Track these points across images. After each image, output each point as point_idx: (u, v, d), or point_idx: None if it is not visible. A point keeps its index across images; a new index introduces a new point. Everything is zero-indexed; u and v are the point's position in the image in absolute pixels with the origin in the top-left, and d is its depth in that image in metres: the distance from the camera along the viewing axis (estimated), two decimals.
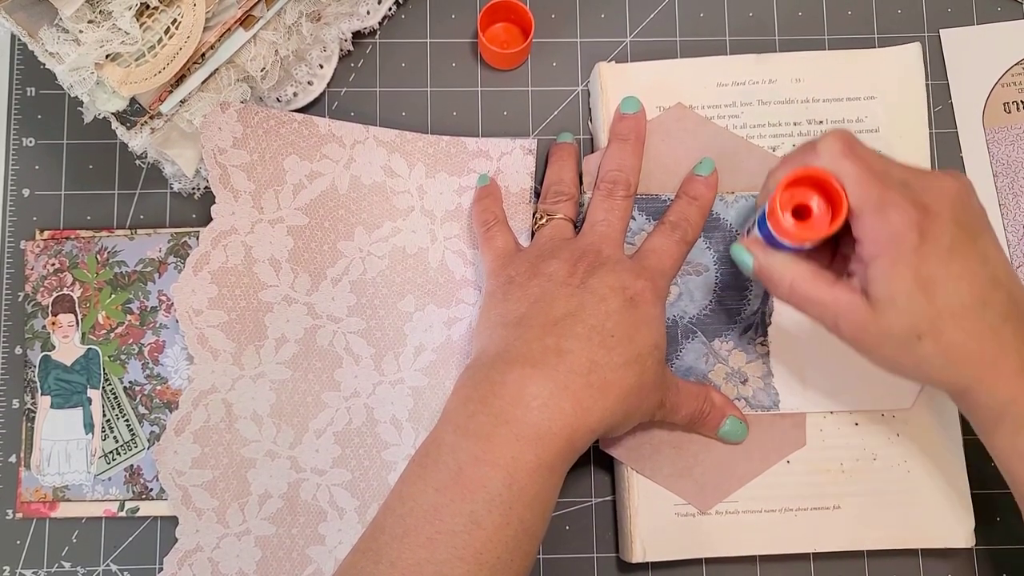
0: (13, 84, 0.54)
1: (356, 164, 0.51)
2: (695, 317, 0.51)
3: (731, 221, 0.51)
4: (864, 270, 0.41)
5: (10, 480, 0.51)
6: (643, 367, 0.43)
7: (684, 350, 0.51)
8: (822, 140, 0.41)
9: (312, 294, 0.51)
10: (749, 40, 0.56)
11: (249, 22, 0.47)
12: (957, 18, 0.57)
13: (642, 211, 0.51)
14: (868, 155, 0.41)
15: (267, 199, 0.51)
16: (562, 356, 0.42)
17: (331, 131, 0.51)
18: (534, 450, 0.40)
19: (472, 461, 0.40)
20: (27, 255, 0.52)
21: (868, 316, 0.40)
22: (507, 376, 0.41)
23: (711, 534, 0.50)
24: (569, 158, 0.52)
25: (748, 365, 0.51)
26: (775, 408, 0.50)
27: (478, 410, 0.41)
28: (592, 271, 0.45)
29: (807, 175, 0.41)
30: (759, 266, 0.44)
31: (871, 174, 0.40)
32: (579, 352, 0.42)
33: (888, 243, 0.39)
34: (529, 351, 0.42)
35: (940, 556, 0.52)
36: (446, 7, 0.56)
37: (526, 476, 0.40)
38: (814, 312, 0.43)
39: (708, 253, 0.51)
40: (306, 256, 0.51)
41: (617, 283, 0.44)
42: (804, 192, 0.42)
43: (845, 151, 0.40)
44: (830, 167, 0.41)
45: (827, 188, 0.41)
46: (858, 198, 0.40)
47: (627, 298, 0.44)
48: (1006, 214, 0.54)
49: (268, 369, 0.50)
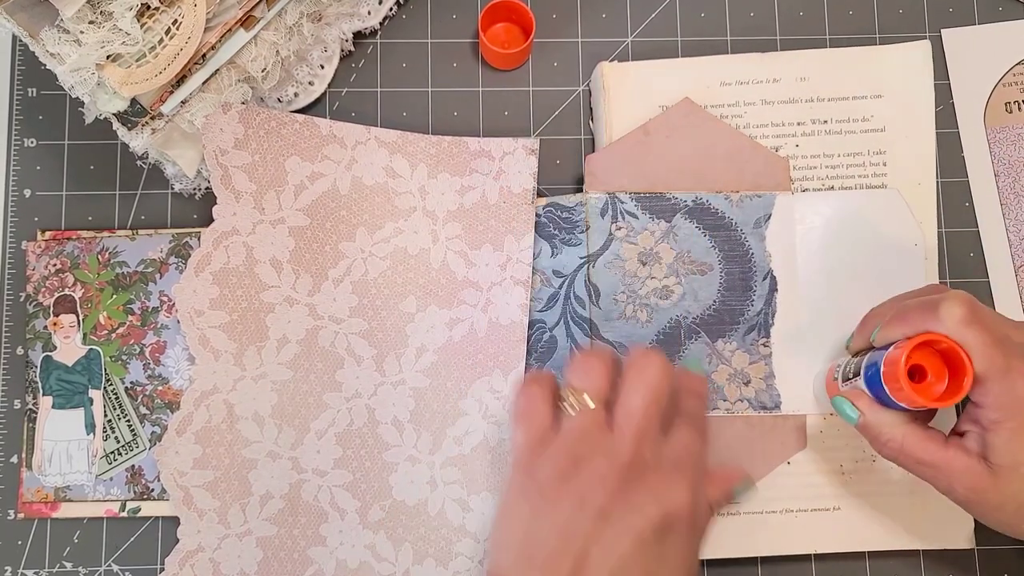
0: (14, 85, 0.54)
1: (358, 165, 0.51)
2: (698, 317, 0.51)
3: (736, 220, 0.51)
4: (983, 434, 0.41)
5: (12, 480, 0.51)
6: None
7: (687, 350, 0.51)
8: (944, 305, 0.41)
9: (314, 295, 0.50)
10: (750, 40, 0.56)
11: (250, 23, 0.47)
12: (958, 18, 0.57)
13: (645, 209, 0.51)
14: (990, 320, 0.41)
15: (268, 200, 0.51)
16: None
17: (332, 132, 0.51)
18: None
19: None
20: (28, 256, 0.52)
21: (987, 482, 0.41)
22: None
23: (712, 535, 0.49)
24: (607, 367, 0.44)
25: (751, 366, 0.51)
26: (777, 409, 0.50)
27: None
28: (626, 493, 0.40)
29: (929, 341, 0.41)
30: (865, 423, 0.44)
31: (995, 341, 0.40)
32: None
33: (1014, 410, 0.40)
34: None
35: (941, 557, 0.52)
36: (447, 7, 0.56)
37: None
38: (925, 473, 0.43)
39: (713, 252, 0.51)
40: (308, 257, 0.51)
41: (652, 509, 0.39)
42: (919, 352, 0.42)
43: (969, 318, 0.40)
44: (954, 335, 0.40)
45: (948, 354, 0.41)
46: (984, 367, 0.40)
47: (664, 526, 0.39)
48: (1007, 214, 0.54)
49: (269, 370, 0.50)
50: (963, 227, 0.55)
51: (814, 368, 0.50)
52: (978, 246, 0.54)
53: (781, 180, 0.52)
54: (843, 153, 0.52)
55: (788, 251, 0.51)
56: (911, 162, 0.52)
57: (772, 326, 0.51)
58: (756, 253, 0.51)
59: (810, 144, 0.52)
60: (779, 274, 0.51)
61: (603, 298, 0.51)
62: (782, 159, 0.52)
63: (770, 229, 0.51)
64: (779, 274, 0.51)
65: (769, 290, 0.51)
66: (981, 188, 0.55)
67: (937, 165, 0.54)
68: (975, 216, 0.55)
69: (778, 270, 0.51)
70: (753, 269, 0.51)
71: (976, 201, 0.55)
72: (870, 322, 0.46)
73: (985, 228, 0.54)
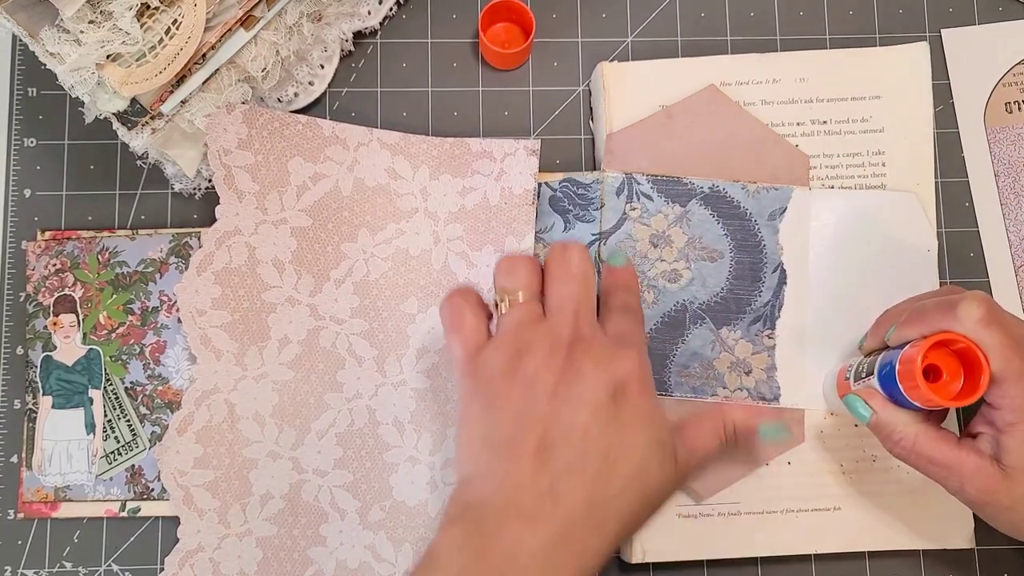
0: (14, 84, 0.54)
1: (360, 166, 0.51)
2: (705, 303, 0.51)
3: (751, 210, 0.51)
4: (997, 436, 0.41)
5: (11, 480, 0.51)
6: (648, 474, 0.40)
7: (691, 335, 0.51)
8: (963, 305, 0.41)
9: (315, 295, 0.50)
10: (750, 40, 0.56)
11: (250, 22, 0.47)
12: (958, 18, 0.57)
13: (661, 192, 0.51)
14: (1008, 321, 0.41)
15: (271, 200, 0.50)
16: (558, 502, 0.38)
17: (335, 133, 0.51)
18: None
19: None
20: (28, 255, 0.52)
21: (999, 483, 0.41)
22: (501, 531, 0.38)
23: (712, 535, 0.50)
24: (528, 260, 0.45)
25: (753, 356, 0.51)
26: (776, 402, 0.50)
27: (469, 564, 0.38)
28: (576, 365, 0.40)
29: (946, 340, 0.41)
30: (878, 421, 0.44)
31: (1013, 343, 0.40)
32: (575, 492, 0.38)
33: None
34: (522, 500, 0.38)
35: (941, 557, 0.52)
36: (447, 7, 0.56)
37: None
38: (935, 473, 0.43)
39: (725, 240, 0.51)
40: (309, 257, 0.51)
41: (602, 377, 0.40)
42: (935, 352, 0.42)
43: (987, 318, 0.40)
44: (971, 335, 0.40)
45: (965, 354, 0.41)
46: (1001, 368, 0.40)
47: (617, 391, 0.40)
48: (1008, 214, 0.54)
49: (271, 370, 0.50)
50: (963, 227, 0.55)
51: (817, 364, 0.50)
52: (978, 246, 0.54)
53: (800, 175, 0.52)
54: (842, 153, 0.52)
55: (801, 246, 0.51)
56: (910, 163, 0.53)
57: (778, 319, 0.51)
58: (768, 245, 0.51)
59: (810, 144, 0.52)
60: (790, 268, 0.51)
61: None
62: (803, 154, 0.52)
63: (784, 222, 0.51)
64: (790, 268, 0.51)
65: (778, 283, 0.51)
66: (981, 188, 0.55)
67: (936, 166, 0.54)
68: (975, 216, 0.55)
69: (789, 264, 0.51)
70: (764, 260, 0.51)
71: (976, 201, 0.55)
72: (885, 322, 0.46)
73: (985, 228, 0.54)
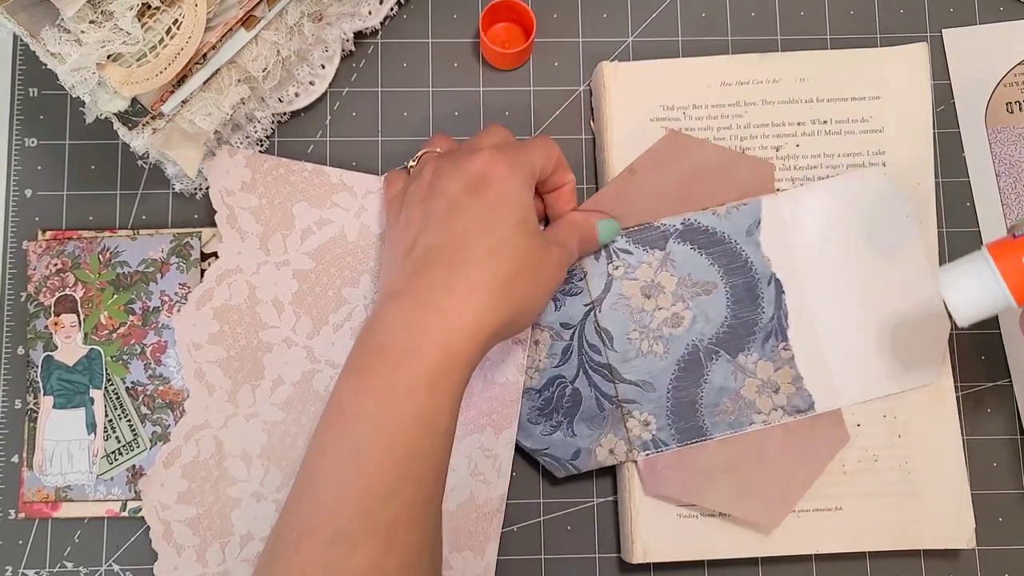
0: (15, 85, 0.54)
1: (367, 213, 0.51)
2: (714, 337, 0.50)
3: (727, 232, 0.51)
4: None
5: (12, 480, 0.51)
6: (513, 248, 0.43)
7: (711, 372, 0.50)
8: None
9: (313, 338, 0.50)
10: (751, 40, 0.56)
11: (251, 22, 0.47)
12: (959, 18, 0.57)
13: (638, 243, 0.51)
14: None
15: (274, 242, 0.51)
16: (421, 275, 0.42)
17: (343, 181, 0.51)
18: (406, 372, 0.40)
19: (351, 396, 0.41)
20: (29, 255, 0.52)
21: None
22: (379, 312, 0.43)
23: (712, 535, 0.50)
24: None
25: (777, 373, 0.50)
26: (812, 410, 0.50)
27: (356, 348, 0.42)
28: (439, 174, 0.45)
29: None
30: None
31: None
32: (436, 264, 0.42)
33: None
34: (394, 283, 0.43)
35: (942, 557, 0.52)
36: (448, 7, 0.56)
37: (401, 398, 0.40)
38: None
39: (713, 269, 0.51)
40: (310, 300, 0.51)
41: (461, 172, 0.44)
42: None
43: None
44: None
45: None
46: None
47: (472, 182, 0.44)
48: (1008, 214, 0.54)
49: (262, 409, 0.50)
50: (964, 227, 0.54)
51: (840, 357, 0.50)
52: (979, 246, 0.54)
53: (766, 184, 0.51)
54: (843, 153, 0.52)
55: (785, 251, 0.51)
56: (910, 163, 0.52)
57: (788, 328, 0.51)
58: (755, 260, 0.51)
59: (810, 144, 0.52)
60: (782, 275, 0.51)
61: (617, 340, 0.50)
62: (766, 163, 0.52)
63: (763, 233, 0.51)
64: (782, 275, 0.51)
65: (776, 294, 0.51)
66: (982, 188, 0.55)
67: (936, 166, 0.54)
68: (976, 216, 0.55)
69: (780, 272, 0.51)
70: (756, 277, 0.51)
71: (977, 201, 0.55)
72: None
73: (986, 228, 0.54)
